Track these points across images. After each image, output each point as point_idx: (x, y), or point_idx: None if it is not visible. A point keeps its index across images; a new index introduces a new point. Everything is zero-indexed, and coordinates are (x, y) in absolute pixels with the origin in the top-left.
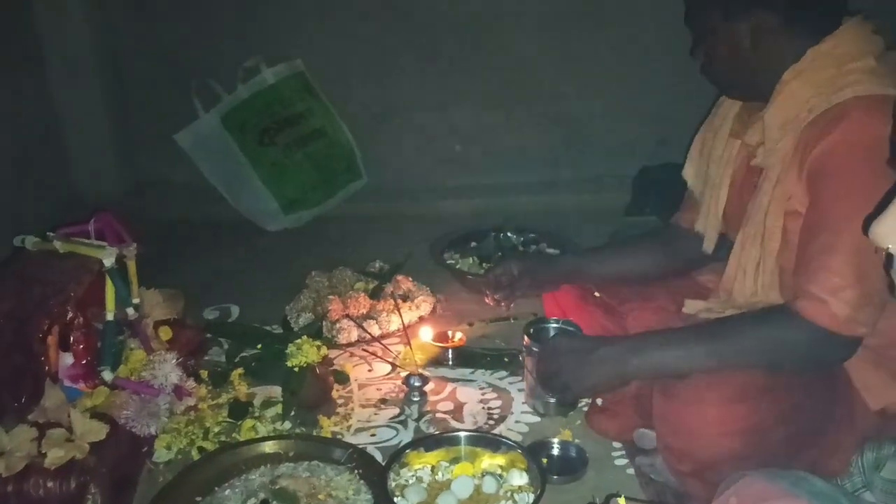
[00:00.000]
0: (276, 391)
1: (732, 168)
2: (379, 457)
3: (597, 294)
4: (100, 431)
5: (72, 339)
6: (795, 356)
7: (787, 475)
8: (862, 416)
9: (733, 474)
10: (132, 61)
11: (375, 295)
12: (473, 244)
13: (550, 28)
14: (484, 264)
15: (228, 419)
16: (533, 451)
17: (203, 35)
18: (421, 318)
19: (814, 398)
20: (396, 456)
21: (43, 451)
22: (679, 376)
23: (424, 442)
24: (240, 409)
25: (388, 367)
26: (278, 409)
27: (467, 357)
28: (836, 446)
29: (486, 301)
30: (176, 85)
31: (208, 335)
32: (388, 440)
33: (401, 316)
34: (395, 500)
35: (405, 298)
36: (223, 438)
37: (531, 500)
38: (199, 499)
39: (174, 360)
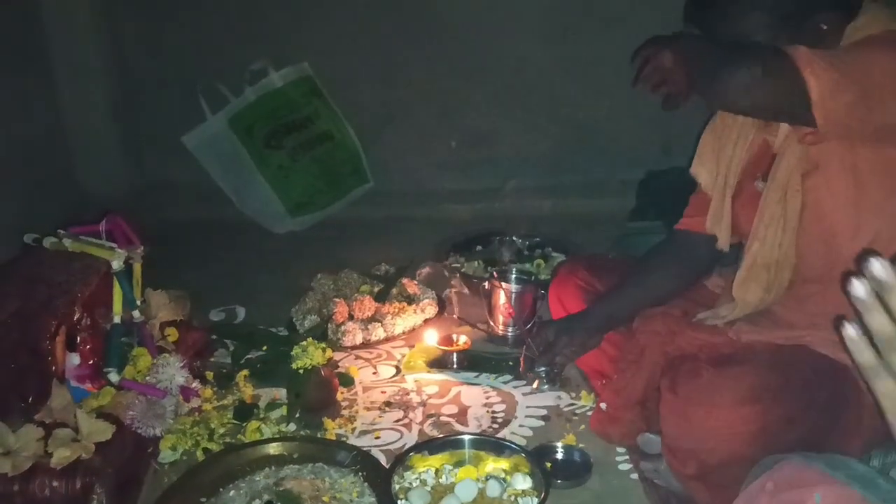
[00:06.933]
0: (282, 393)
1: (744, 163)
2: (383, 459)
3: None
4: (106, 432)
5: (79, 339)
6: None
7: (823, 458)
8: (869, 421)
9: (766, 459)
10: (139, 63)
11: (381, 298)
12: (479, 248)
13: (555, 31)
14: (489, 268)
15: (233, 420)
16: (537, 455)
17: (210, 37)
18: (426, 322)
19: (823, 401)
20: (400, 459)
21: (49, 451)
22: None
23: (428, 445)
24: (245, 411)
25: (393, 370)
26: (283, 410)
27: (472, 360)
28: (843, 452)
29: (522, 372)
30: (183, 86)
31: (214, 336)
32: (392, 443)
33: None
34: (399, 502)
35: (410, 301)
36: (228, 440)
37: None
38: (203, 500)
39: (179, 363)
